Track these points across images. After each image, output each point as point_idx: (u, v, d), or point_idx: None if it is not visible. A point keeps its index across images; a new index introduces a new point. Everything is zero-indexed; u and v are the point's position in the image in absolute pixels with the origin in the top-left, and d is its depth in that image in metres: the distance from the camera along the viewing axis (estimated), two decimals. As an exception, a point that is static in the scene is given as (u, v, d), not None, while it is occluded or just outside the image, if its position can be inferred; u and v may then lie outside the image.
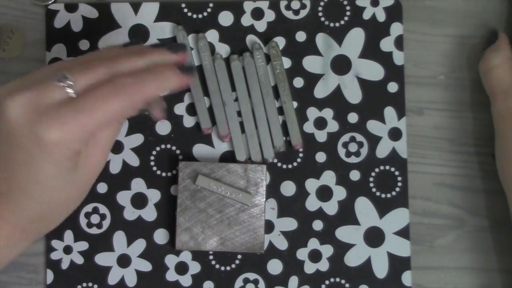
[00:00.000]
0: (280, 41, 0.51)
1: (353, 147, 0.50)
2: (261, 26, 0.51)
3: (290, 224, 0.50)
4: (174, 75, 0.40)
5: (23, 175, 0.38)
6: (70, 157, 0.38)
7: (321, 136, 0.51)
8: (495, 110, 0.48)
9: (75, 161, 0.39)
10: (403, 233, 0.50)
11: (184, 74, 0.40)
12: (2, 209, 0.38)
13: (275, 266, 0.50)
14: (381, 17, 0.51)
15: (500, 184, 0.50)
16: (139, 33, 0.51)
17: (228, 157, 0.50)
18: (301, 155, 0.50)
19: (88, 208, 0.50)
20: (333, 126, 0.51)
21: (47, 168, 0.37)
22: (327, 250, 0.50)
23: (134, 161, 0.51)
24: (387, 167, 0.50)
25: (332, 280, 0.50)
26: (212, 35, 0.51)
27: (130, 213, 0.50)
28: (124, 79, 0.38)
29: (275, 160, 0.50)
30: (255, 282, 0.50)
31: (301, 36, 0.51)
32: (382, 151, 0.50)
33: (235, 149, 0.50)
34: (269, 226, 0.50)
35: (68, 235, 0.50)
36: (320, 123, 0.51)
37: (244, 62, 0.50)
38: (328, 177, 0.50)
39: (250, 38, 0.51)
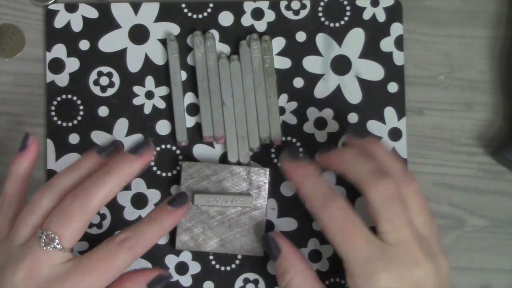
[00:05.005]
0: (280, 41, 0.51)
1: (353, 147, 0.50)
2: (261, 26, 0.51)
3: (290, 224, 0.50)
4: (169, 219, 0.43)
5: None
6: None
7: (321, 136, 0.51)
8: None
9: None
10: (403, 233, 0.50)
11: (177, 209, 0.43)
12: None
13: (275, 266, 0.50)
14: (381, 17, 0.51)
15: (500, 184, 0.50)
16: (139, 33, 0.51)
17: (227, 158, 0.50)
18: (301, 155, 0.50)
19: (88, 208, 0.50)
20: (333, 126, 0.51)
21: None
22: (327, 250, 0.50)
23: (134, 161, 0.51)
24: (387, 167, 0.50)
25: (332, 280, 0.50)
26: (212, 35, 0.51)
27: (130, 213, 0.50)
28: (128, 234, 0.41)
29: (259, 150, 0.50)
30: (255, 282, 0.50)
31: (301, 36, 0.51)
32: (382, 151, 0.50)
33: (228, 150, 0.50)
34: (269, 226, 0.50)
35: (68, 235, 0.50)
36: (320, 123, 0.51)
37: (240, 50, 0.50)
38: (328, 177, 0.50)
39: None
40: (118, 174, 0.42)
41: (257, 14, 0.51)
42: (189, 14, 0.51)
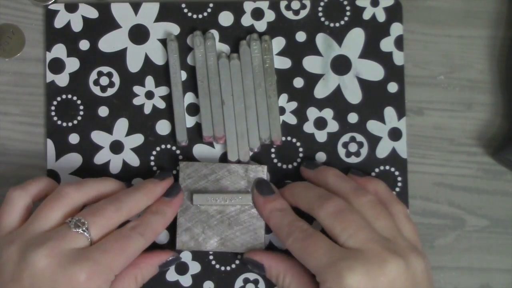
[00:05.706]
0: (280, 41, 0.51)
1: (353, 147, 0.50)
2: (261, 26, 0.51)
3: (290, 224, 0.50)
4: (169, 208, 0.47)
5: None
6: None
7: (321, 136, 0.51)
8: None
9: None
10: (403, 233, 0.49)
11: (173, 198, 0.47)
12: None
13: (275, 266, 0.50)
14: (381, 17, 0.51)
15: (500, 184, 0.50)
16: (139, 33, 0.51)
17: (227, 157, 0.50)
18: (301, 155, 0.50)
19: (88, 208, 0.50)
20: (333, 126, 0.51)
21: None
22: (327, 250, 0.50)
23: (134, 161, 0.51)
24: (387, 167, 0.50)
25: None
26: (212, 35, 0.51)
27: (130, 213, 0.50)
28: (137, 223, 0.45)
29: (259, 150, 0.50)
30: (255, 282, 0.50)
31: (301, 36, 0.51)
32: (382, 151, 0.50)
33: (228, 149, 0.50)
34: (269, 226, 0.50)
35: (68, 235, 0.50)
36: (320, 123, 0.51)
37: (240, 50, 0.50)
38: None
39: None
40: (146, 191, 0.46)
41: (257, 14, 0.51)
42: (189, 14, 0.51)
